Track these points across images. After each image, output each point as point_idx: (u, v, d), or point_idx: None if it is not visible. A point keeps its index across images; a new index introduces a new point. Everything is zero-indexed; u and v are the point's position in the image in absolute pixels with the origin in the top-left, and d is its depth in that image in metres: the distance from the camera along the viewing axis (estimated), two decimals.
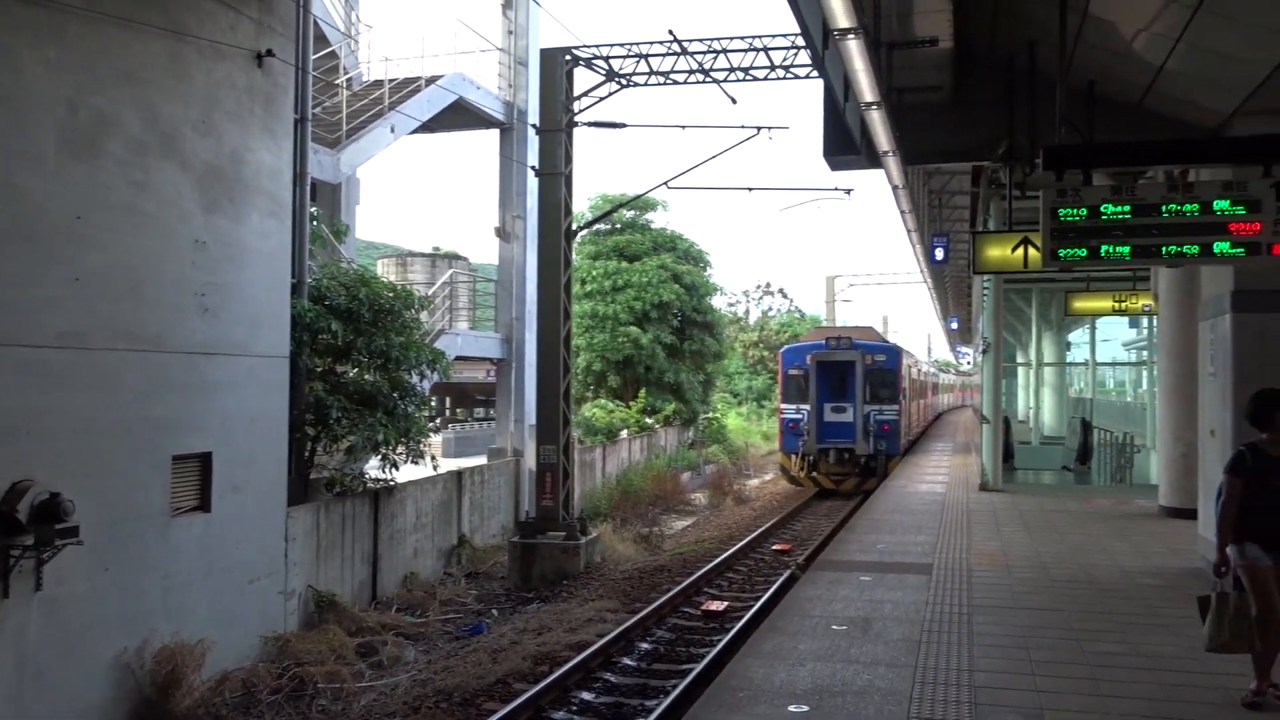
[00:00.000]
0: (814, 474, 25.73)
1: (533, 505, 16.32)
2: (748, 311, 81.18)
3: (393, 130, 15.67)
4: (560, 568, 14.75)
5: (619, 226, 32.97)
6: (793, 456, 25.71)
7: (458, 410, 46.42)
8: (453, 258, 23.57)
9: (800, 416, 25.73)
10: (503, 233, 19.16)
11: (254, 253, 9.86)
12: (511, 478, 18.15)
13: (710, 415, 35.70)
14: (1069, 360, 39.42)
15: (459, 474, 16.14)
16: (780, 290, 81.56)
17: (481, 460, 19.19)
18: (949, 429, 42.21)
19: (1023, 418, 42.88)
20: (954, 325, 50.53)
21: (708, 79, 15.35)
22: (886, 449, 25.76)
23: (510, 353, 19.17)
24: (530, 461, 17.63)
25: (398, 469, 12.91)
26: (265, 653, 9.80)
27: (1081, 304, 17.60)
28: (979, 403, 21.15)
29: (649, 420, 30.45)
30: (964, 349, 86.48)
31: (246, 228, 9.79)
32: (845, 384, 26.15)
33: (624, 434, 27.58)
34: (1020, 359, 43.39)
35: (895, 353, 27.66)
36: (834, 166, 12.53)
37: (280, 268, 10.30)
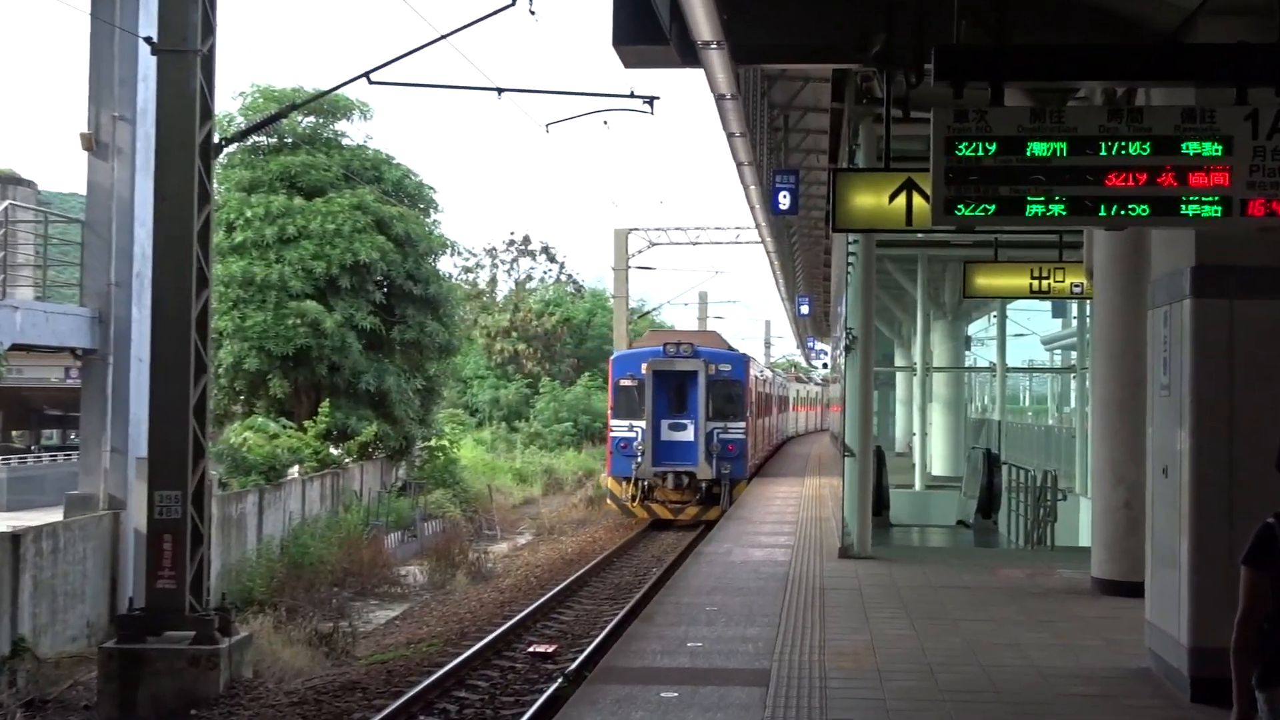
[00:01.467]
0: (648, 502, 32.20)
1: (142, 588, 15.80)
2: (494, 281, 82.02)
3: None
4: (187, 690, 14.57)
5: (291, 141, 32.46)
6: (624, 482, 32.10)
7: (14, 432, 43.54)
8: (8, 182, 22.37)
9: (633, 435, 31.96)
10: (95, 144, 18.39)
11: None
12: (106, 543, 17.69)
13: (434, 443, 35.87)
14: (968, 364, 42.25)
15: (13, 538, 15.68)
16: (545, 250, 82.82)
17: (56, 515, 18.61)
18: (796, 464, 44.23)
19: (902, 449, 45.50)
20: (804, 309, 52.92)
21: None
22: (732, 472, 32.07)
23: (105, 340, 18.49)
24: (138, 518, 17.04)
25: None
26: None
27: (986, 281, 18.80)
28: (838, 425, 22.32)
29: (335, 450, 30.14)
30: (819, 345, 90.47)
31: None
32: (686, 397, 32.42)
33: (294, 472, 27.41)
34: (900, 360, 46.01)
35: (742, 362, 34.29)
36: (629, 61, 12.74)
37: None
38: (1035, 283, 17.89)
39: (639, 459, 31.44)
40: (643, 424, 31.58)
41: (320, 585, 22.76)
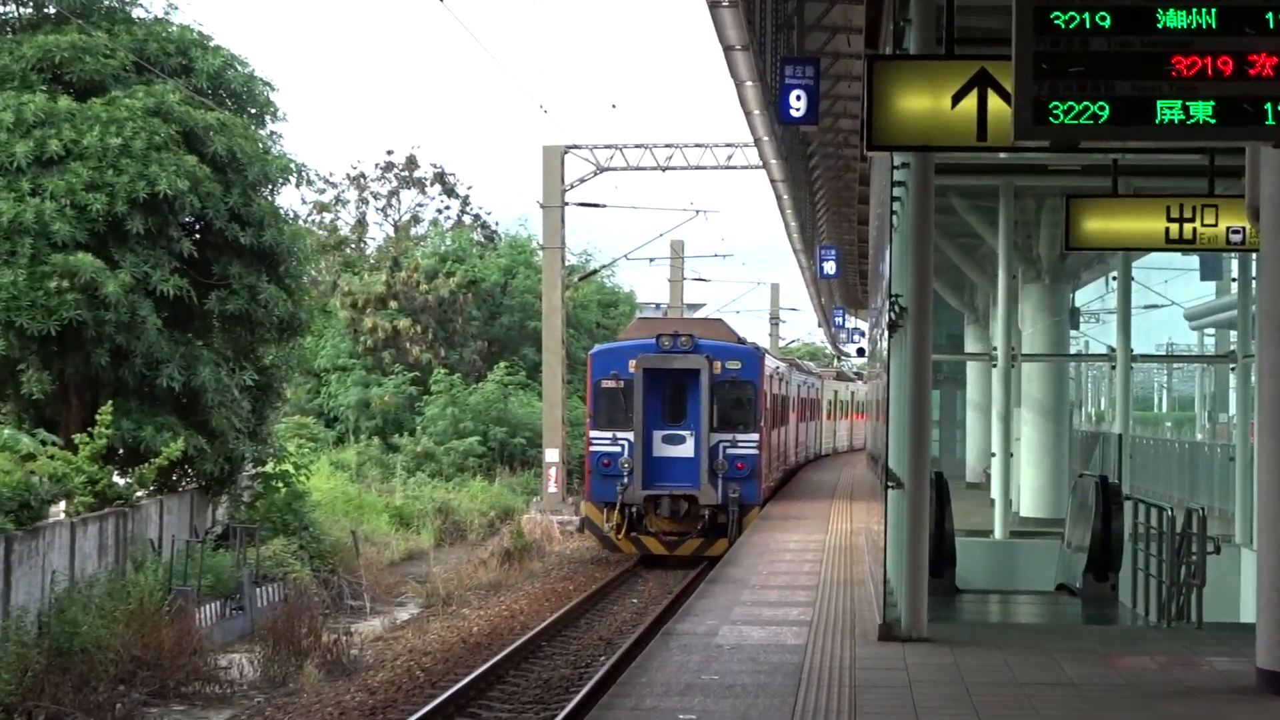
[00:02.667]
0: (636, 534, 36.67)
1: None
2: (363, 225, 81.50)
3: None
4: None
5: (54, 11, 32.29)
6: (606, 509, 36.53)
7: None
8: None
9: (618, 450, 36.31)
10: None
11: None
12: None
13: (272, 468, 35.83)
14: (1075, 350, 42.23)
15: None
16: (440, 178, 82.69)
17: None
18: (821, 487, 44.27)
19: (975, 478, 45.43)
20: (829, 267, 52.79)
21: None
22: (741, 496, 36.26)
23: None
24: None
25: None
26: None
27: (1101, 225, 18.75)
28: (878, 441, 22.35)
29: (121, 479, 29.89)
30: (852, 321, 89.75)
31: None
32: (684, 402, 36.88)
33: (59, 511, 27.22)
34: (973, 345, 46.03)
35: (754, 357, 38.48)
36: None
37: None
38: (1174, 227, 17.88)
39: (625, 479, 35.55)
40: (630, 435, 35.75)
41: (98, 682, 22.50)
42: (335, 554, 36.33)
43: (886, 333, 19.09)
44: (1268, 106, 8.09)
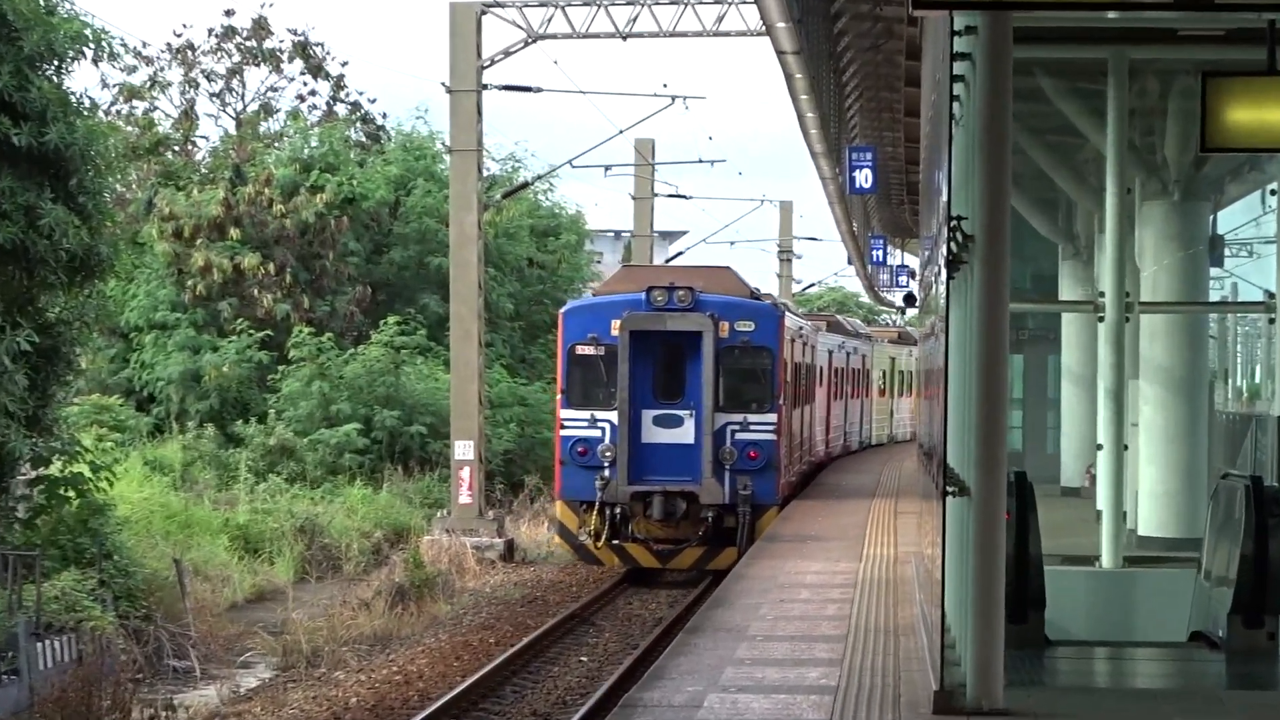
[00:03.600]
0: (620, 542, 39.11)
1: None
2: (190, 118, 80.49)
3: None
4: None
5: None
6: (582, 509, 39.49)
7: None
8: None
9: (597, 434, 39.00)
10: None
11: None
12: None
13: (59, 469, 35.97)
14: (1219, 298, 42.14)
15: None
16: (303, 49, 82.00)
17: None
18: (862, 479, 44.32)
19: (1075, 481, 45.23)
20: (861, 178, 52.16)
21: None
22: (755, 494, 38.67)
23: None
24: None
25: None
26: None
27: (1251, 115, 18.87)
28: (924, 427, 22.25)
29: None
30: (895, 258, 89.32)
31: None
32: (682, 374, 39.40)
33: None
34: (1071, 289, 45.89)
35: (772, 317, 40.93)
36: None
37: None
38: None
39: (607, 472, 37.85)
40: (612, 416, 38.03)
41: None
42: (152, 593, 36.26)
43: (944, 272, 19.13)
44: None
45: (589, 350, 38.35)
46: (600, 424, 37.98)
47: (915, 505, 38.75)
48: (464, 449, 51.23)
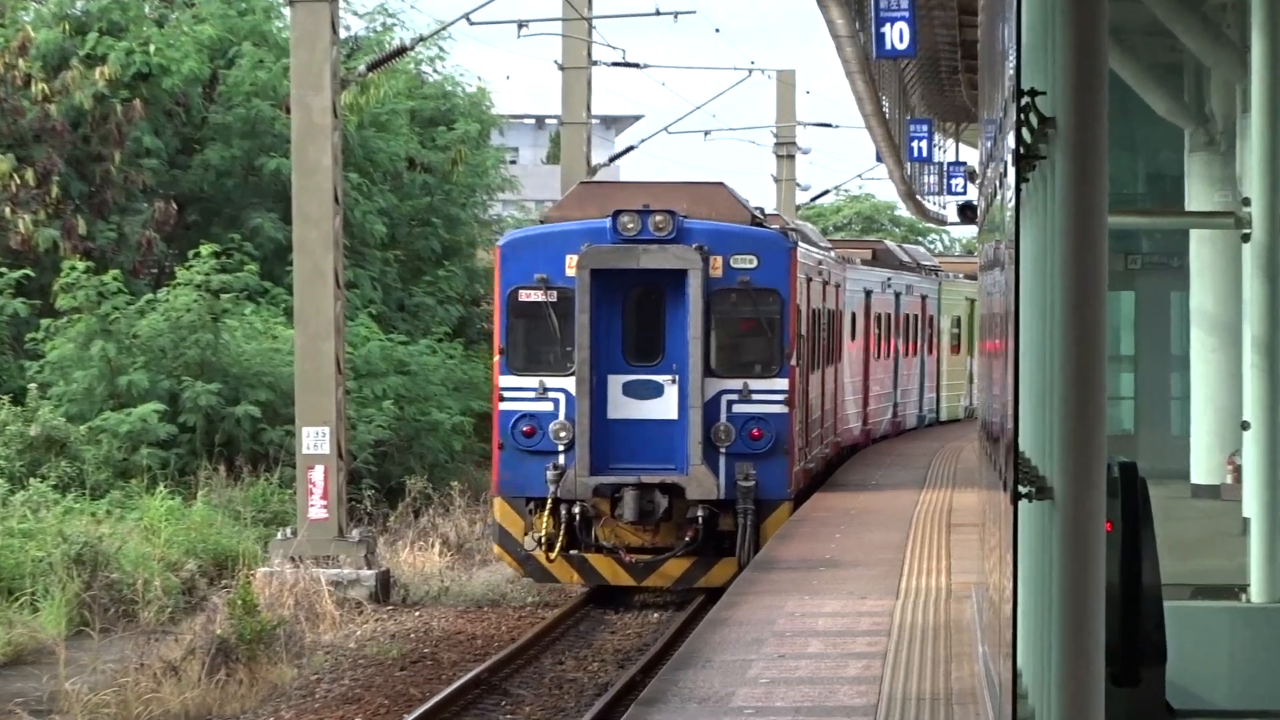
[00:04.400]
0: (579, 551, 40.86)
1: None
2: None
3: None
4: None
5: None
6: (528, 508, 41.21)
7: None
8: None
9: (547, 408, 40.43)
10: None
11: None
12: None
13: None
14: None
15: None
16: None
17: None
18: (910, 468, 44.70)
19: (1210, 476, 45.29)
20: (894, 35, 52.45)
21: None
22: (759, 486, 39.93)
23: None
24: None
25: None
26: None
27: None
28: (984, 396, 22.25)
29: None
30: (944, 152, 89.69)
31: None
32: (660, 327, 40.89)
33: None
34: (1200, 198, 46.03)
35: (780, 248, 42.17)
36: None
37: None
38: None
39: (561, 459, 39.15)
40: (568, 384, 39.24)
41: None
42: None
43: (1012, 172, 19.11)
44: None
45: (536, 296, 38.83)
46: (552, 395, 38.81)
47: (976, 511, 38.84)
48: (316, 439, 49.98)
